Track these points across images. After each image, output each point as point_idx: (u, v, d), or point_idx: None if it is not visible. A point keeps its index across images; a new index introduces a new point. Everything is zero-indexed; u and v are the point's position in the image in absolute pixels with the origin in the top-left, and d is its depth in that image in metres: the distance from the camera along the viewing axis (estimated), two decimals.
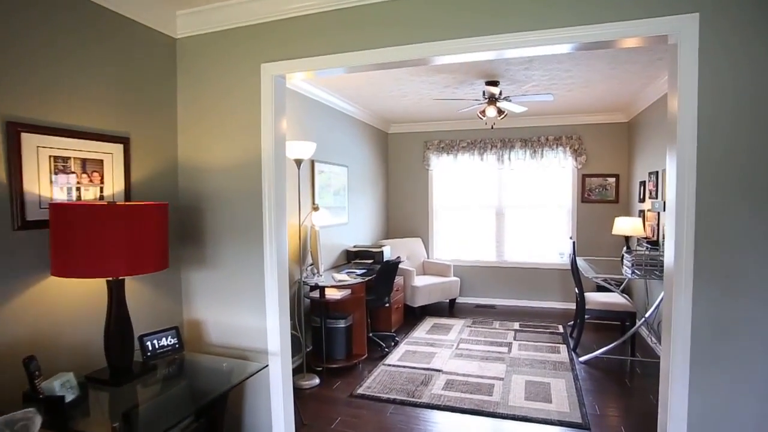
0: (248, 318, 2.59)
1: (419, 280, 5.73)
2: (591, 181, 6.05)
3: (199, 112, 2.63)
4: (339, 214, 5.10)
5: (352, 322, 4.25)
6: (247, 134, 2.54)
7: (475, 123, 6.26)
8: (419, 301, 5.60)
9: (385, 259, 5.07)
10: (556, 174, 6.22)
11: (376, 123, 6.22)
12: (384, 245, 5.56)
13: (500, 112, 4.34)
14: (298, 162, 3.74)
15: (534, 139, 6.08)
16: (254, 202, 2.54)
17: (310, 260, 4.31)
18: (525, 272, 6.32)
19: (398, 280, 5.28)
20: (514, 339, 4.84)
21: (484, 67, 3.87)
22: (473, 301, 6.48)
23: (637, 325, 4.23)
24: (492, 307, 6.29)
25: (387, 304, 4.58)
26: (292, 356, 3.06)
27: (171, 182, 2.65)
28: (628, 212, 5.85)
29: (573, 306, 6.05)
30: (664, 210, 4.05)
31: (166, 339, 2.27)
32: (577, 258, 4.66)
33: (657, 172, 4.59)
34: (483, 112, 4.34)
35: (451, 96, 4.68)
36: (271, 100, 2.47)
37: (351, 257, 5.22)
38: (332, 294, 4.05)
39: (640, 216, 5.16)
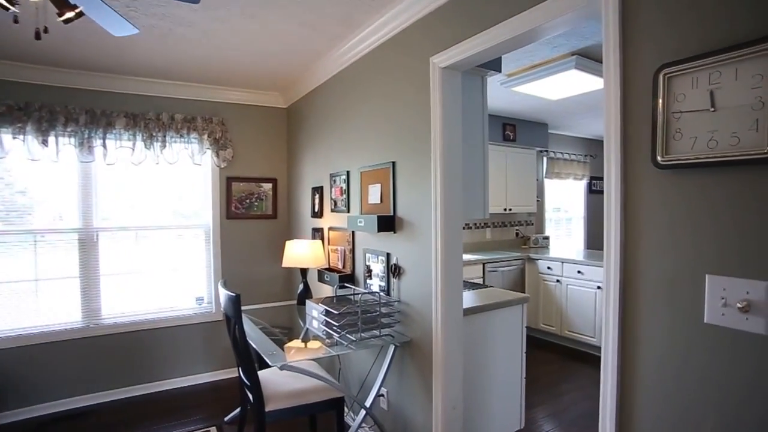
0: None
1: None
2: (240, 187, 4.15)
3: None
4: None
5: None
6: None
7: (25, 70, 3.28)
8: None
9: None
10: (187, 175, 4.00)
11: None
12: None
13: (65, 4, 1.79)
14: None
15: (151, 115, 3.66)
16: None
17: None
18: (142, 337, 3.77)
19: None
20: None
21: None
22: (42, 413, 3.39)
23: (359, 419, 2.58)
24: (81, 414, 3.43)
25: None
26: None
27: None
28: (290, 232, 4.28)
29: (225, 375, 4.00)
30: (384, 229, 2.57)
31: None
32: (243, 318, 2.63)
33: (347, 173, 3.14)
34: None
35: None
36: None
37: None
38: None
39: (317, 237, 3.64)
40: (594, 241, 6.68)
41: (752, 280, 1.14)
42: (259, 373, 2.55)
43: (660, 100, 1.29)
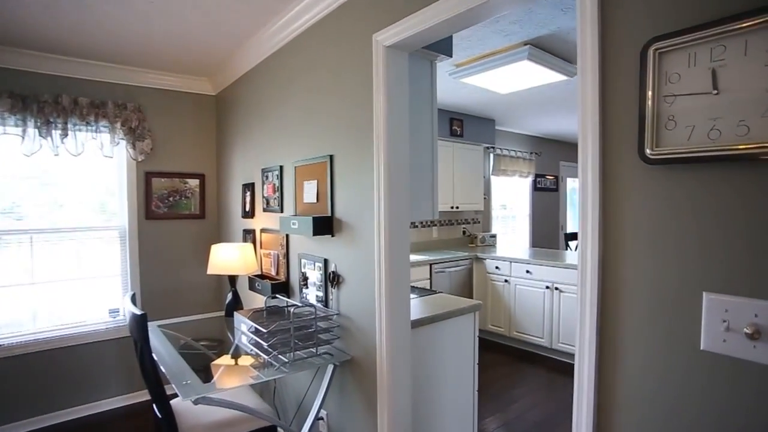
0: None
1: None
2: (162, 183, 3.67)
3: None
4: None
5: None
6: None
7: None
8: None
9: None
10: (98, 169, 3.47)
11: None
12: None
13: None
14: None
15: (46, 97, 3.11)
16: None
17: None
18: (41, 359, 3.20)
19: None
20: None
21: None
22: None
23: None
24: None
25: None
26: None
27: None
28: (220, 234, 3.85)
29: (145, 397, 3.53)
30: (321, 232, 2.25)
31: None
32: (157, 336, 2.23)
33: (280, 168, 2.79)
34: None
35: None
36: None
37: None
38: None
39: (249, 240, 3.25)
40: (539, 239, 6.68)
41: (763, 300, 0.94)
42: (174, 401, 2.16)
43: (649, 83, 1.07)
